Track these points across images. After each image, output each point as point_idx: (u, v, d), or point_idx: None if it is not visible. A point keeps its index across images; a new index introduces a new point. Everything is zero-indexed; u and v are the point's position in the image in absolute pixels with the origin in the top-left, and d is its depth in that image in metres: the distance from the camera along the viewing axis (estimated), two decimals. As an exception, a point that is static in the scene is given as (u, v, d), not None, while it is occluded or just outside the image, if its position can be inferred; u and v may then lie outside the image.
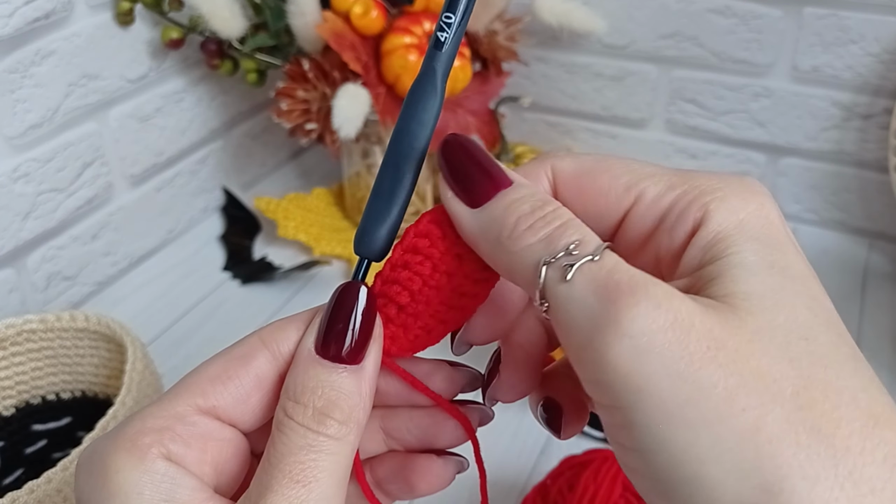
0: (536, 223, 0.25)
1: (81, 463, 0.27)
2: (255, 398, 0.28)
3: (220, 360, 0.28)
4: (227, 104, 0.86)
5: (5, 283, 0.67)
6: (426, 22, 0.73)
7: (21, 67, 0.64)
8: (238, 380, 0.28)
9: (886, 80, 0.76)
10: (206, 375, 0.28)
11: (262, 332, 0.29)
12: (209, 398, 0.27)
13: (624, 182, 0.27)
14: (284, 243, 0.82)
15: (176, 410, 0.27)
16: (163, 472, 0.26)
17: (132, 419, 0.27)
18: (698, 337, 0.22)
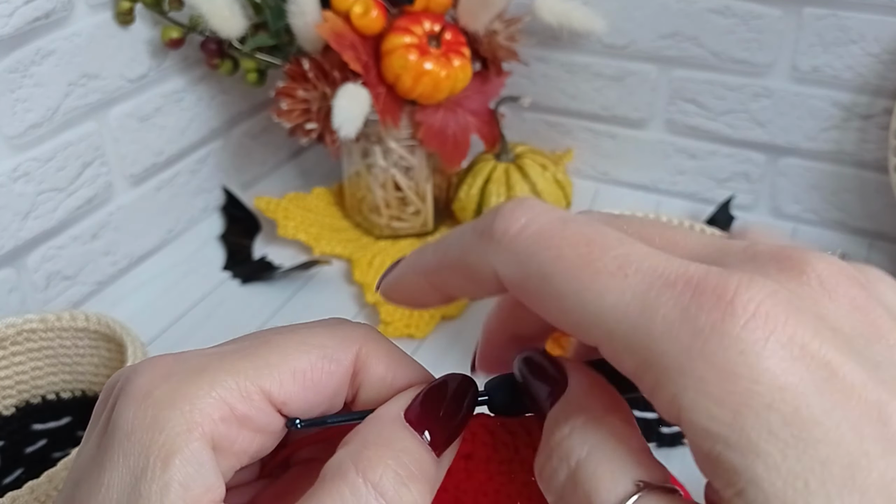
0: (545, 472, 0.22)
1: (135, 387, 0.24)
2: (324, 406, 0.26)
3: (306, 353, 0.25)
4: (227, 104, 0.86)
5: (5, 282, 0.67)
6: (426, 22, 0.73)
7: (21, 67, 0.64)
8: (321, 385, 0.25)
9: (886, 81, 0.76)
10: (289, 367, 0.25)
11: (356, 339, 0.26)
12: (284, 392, 0.24)
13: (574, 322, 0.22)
14: (284, 243, 0.82)
15: (247, 388, 0.24)
16: (195, 454, 0.23)
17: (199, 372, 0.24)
18: None
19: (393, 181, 0.80)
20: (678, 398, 0.19)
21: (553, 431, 0.23)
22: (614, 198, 0.90)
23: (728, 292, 0.19)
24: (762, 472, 0.18)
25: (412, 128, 0.77)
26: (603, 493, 0.20)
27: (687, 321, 0.19)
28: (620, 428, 0.22)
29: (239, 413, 0.24)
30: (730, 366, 0.19)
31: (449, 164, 0.78)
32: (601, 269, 0.21)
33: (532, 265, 0.22)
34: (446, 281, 0.25)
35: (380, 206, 0.81)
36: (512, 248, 0.22)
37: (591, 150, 0.92)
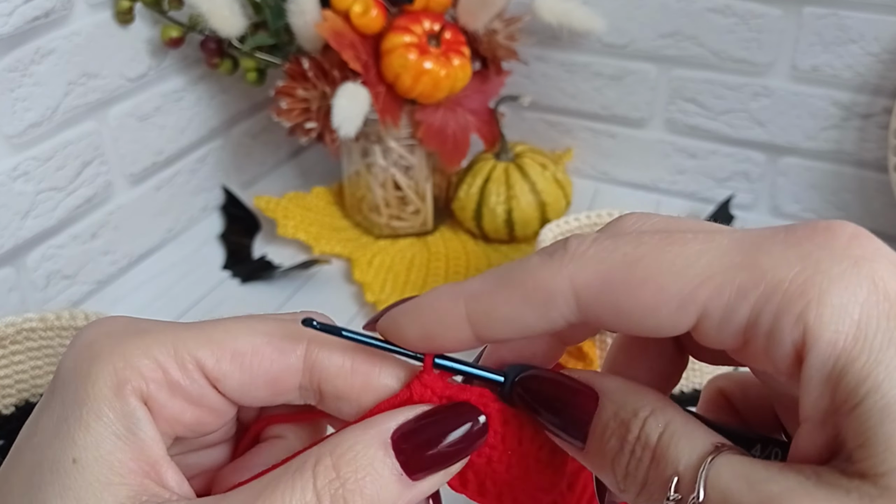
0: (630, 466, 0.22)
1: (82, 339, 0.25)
2: (263, 392, 0.26)
3: (251, 337, 0.25)
4: (226, 103, 0.86)
5: (5, 281, 0.67)
6: (426, 21, 0.73)
7: (21, 66, 0.64)
8: (261, 370, 0.25)
9: (886, 80, 0.76)
10: (230, 345, 0.25)
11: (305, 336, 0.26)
12: (220, 369, 0.25)
13: (675, 296, 0.21)
14: (284, 242, 0.82)
15: (182, 357, 0.24)
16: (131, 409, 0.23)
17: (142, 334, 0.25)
18: None
19: (392, 180, 0.80)
20: (804, 317, 0.19)
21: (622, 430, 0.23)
22: (614, 197, 0.90)
23: (821, 224, 0.20)
24: (884, 379, 0.18)
25: (412, 127, 0.77)
26: (685, 454, 0.21)
27: (794, 248, 0.20)
28: (681, 409, 0.23)
29: (171, 378, 0.24)
30: (847, 278, 0.19)
31: (448, 164, 0.78)
32: (689, 240, 0.21)
33: (615, 257, 0.22)
34: (496, 308, 0.23)
35: (379, 206, 0.81)
36: (591, 253, 0.22)
37: (590, 149, 0.92)
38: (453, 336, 0.24)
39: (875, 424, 0.18)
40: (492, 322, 0.24)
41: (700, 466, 0.21)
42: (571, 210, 0.85)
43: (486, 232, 0.81)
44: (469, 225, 0.82)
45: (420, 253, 0.81)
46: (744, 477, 0.20)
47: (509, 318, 0.23)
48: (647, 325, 0.22)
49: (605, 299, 0.22)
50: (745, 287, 0.20)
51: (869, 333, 0.19)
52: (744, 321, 0.20)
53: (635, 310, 0.21)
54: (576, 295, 0.22)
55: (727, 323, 0.20)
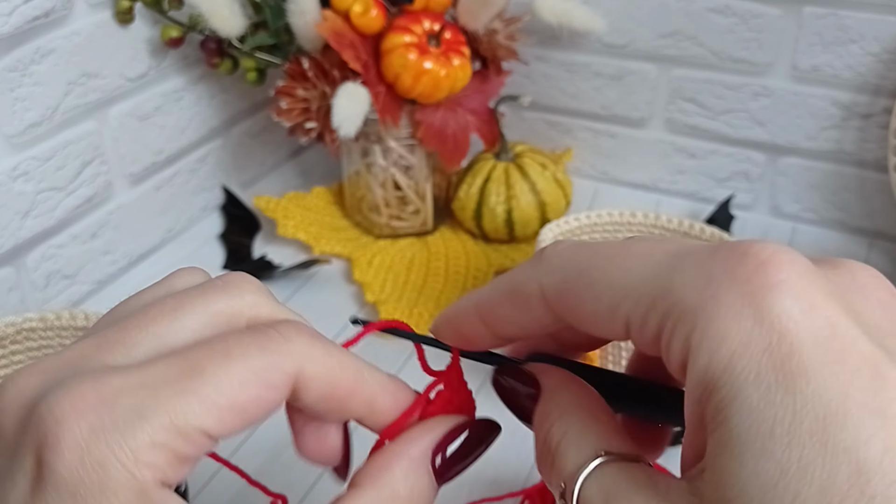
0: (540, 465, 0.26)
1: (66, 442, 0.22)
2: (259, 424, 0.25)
3: (247, 388, 0.24)
4: (226, 103, 0.86)
5: (5, 281, 0.67)
6: (426, 21, 0.73)
7: (20, 66, 0.64)
8: (258, 413, 0.24)
9: (886, 80, 0.76)
10: (228, 402, 0.24)
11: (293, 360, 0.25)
12: (224, 428, 0.24)
13: (606, 304, 0.23)
14: (284, 242, 0.82)
15: (188, 431, 0.23)
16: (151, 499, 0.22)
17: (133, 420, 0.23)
18: None
19: (392, 180, 0.80)
20: (689, 338, 0.20)
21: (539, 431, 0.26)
22: (614, 197, 0.90)
23: (742, 246, 0.20)
24: (737, 413, 0.19)
25: (412, 127, 0.77)
26: (569, 462, 0.24)
27: (704, 270, 0.20)
28: (588, 414, 0.25)
29: (181, 455, 0.23)
30: (737, 306, 0.19)
31: (448, 164, 0.78)
32: (632, 255, 0.23)
33: (572, 265, 0.24)
34: (495, 310, 0.27)
35: (379, 206, 0.81)
36: (557, 258, 0.25)
37: (590, 149, 0.92)
38: (479, 337, 0.28)
39: (717, 454, 0.19)
40: (498, 324, 0.27)
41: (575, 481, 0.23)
42: (571, 210, 0.85)
43: (486, 232, 0.81)
44: (469, 225, 0.82)
45: (420, 253, 0.81)
46: (605, 494, 0.22)
47: (508, 320, 0.27)
48: (593, 330, 0.24)
49: (562, 302, 0.24)
50: (655, 302, 0.21)
51: (738, 366, 0.19)
52: (654, 331, 0.22)
53: (582, 313, 0.24)
54: (544, 297, 0.25)
55: (643, 332, 0.22)
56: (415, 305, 0.73)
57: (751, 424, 0.18)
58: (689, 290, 0.20)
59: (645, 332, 0.22)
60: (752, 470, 0.18)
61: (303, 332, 0.26)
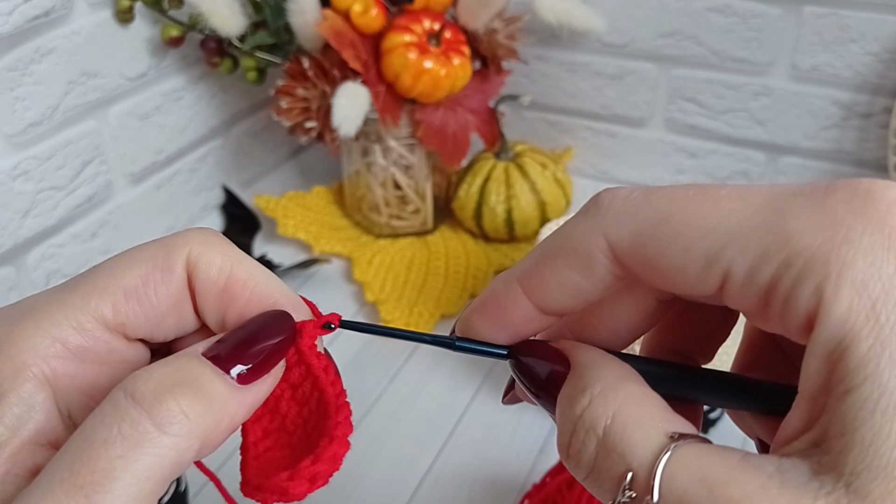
0: (572, 447, 0.22)
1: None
2: (170, 320, 0.25)
3: (135, 268, 0.24)
4: (226, 102, 0.86)
5: (5, 280, 0.67)
6: (426, 20, 0.73)
7: (21, 65, 0.64)
8: (157, 298, 0.24)
9: (886, 79, 0.76)
10: (119, 285, 0.23)
11: (183, 243, 0.24)
12: (120, 313, 0.23)
13: (701, 255, 0.20)
14: (284, 241, 0.82)
15: (77, 319, 0.23)
16: (24, 396, 0.22)
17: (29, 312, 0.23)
18: None
19: (392, 180, 0.80)
20: (821, 288, 0.18)
21: (571, 406, 0.22)
22: (614, 196, 0.90)
23: (862, 186, 0.19)
24: (884, 367, 0.17)
25: (412, 126, 0.77)
26: (638, 449, 0.20)
27: (825, 213, 0.19)
28: (638, 390, 0.22)
29: (73, 346, 0.23)
30: (875, 250, 0.18)
31: (448, 163, 0.78)
32: (722, 197, 0.20)
33: (648, 212, 0.21)
34: (546, 279, 0.23)
35: (379, 205, 0.81)
36: (624, 207, 0.22)
37: (590, 148, 0.92)
38: (521, 317, 0.24)
39: (863, 416, 0.17)
40: (547, 294, 0.24)
41: (654, 463, 0.19)
42: (571, 209, 0.85)
43: (486, 231, 0.81)
44: (469, 224, 0.82)
45: (420, 252, 0.81)
46: (702, 479, 0.19)
47: (561, 286, 0.23)
48: (677, 283, 0.21)
49: (637, 256, 0.21)
50: (770, 250, 0.19)
51: (884, 315, 0.17)
52: (765, 284, 0.19)
53: (665, 268, 0.21)
54: (612, 251, 0.22)
55: (749, 285, 0.20)
56: (415, 305, 0.73)
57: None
58: (814, 236, 0.18)
59: (752, 285, 0.19)
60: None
61: (205, 229, 0.25)
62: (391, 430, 0.62)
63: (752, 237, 0.19)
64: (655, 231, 0.21)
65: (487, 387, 0.65)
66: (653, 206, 0.21)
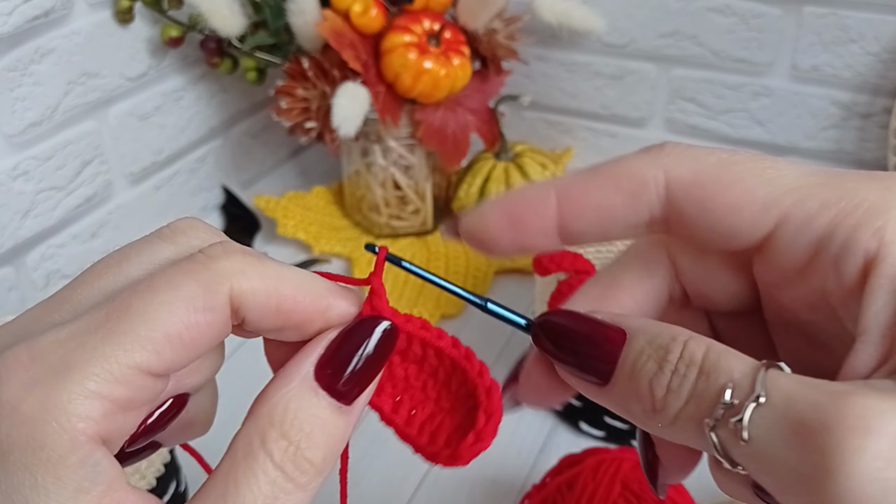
0: (673, 382, 0.22)
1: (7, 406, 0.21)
2: (213, 358, 0.25)
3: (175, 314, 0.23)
4: (226, 102, 0.86)
5: (4, 281, 0.67)
6: (426, 20, 0.73)
7: (20, 65, 0.64)
8: (201, 341, 0.23)
9: (886, 80, 0.76)
10: (161, 332, 0.22)
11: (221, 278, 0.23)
12: (165, 361, 0.22)
13: (761, 198, 0.22)
14: (284, 242, 0.82)
15: (122, 373, 0.22)
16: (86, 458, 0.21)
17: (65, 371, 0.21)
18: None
19: (392, 180, 0.80)
20: (881, 230, 0.20)
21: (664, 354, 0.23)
22: (614, 197, 0.90)
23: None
24: None
25: (412, 126, 0.77)
26: (738, 365, 0.21)
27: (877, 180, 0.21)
28: None
29: (120, 401, 0.22)
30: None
31: (448, 163, 0.78)
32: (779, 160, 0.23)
33: (711, 159, 0.23)
34: (588, 194, 0.24)
35: (379, 205, 0.81)
36: (688, 152, 0.24)
37: (590, 148, 0.92)
38: (538, 224, 0.24)
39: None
40: (581, 211, 0.24)
41: (755, 375, 0.21)
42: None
43: (486, 231, 0.81)
44: (469, 224, 0.82)
45: (420, 252, 0.81)
46: (803, 381, 0.20)
47: (598, 206, 0.24)
48: (727, 225, 0.23)
49: (694, 193, 0.23)
50: (829, 200, 0.21)
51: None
52: (820, 231, 0.21)
53: (720, 206, 0.23)
54: (667, 185, 0.23)
55: (804, 231, 0.22)
56: (414, 305, 0.73)
57: None
58: (870, 192, 0.21)
59: (807, 231, 0.21)
60: None
61: (232, 250, 0.24)
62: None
63: (811, 189, 0.22)
64: (718, 172, 0.23)
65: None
66: (716, 155, 0.23)
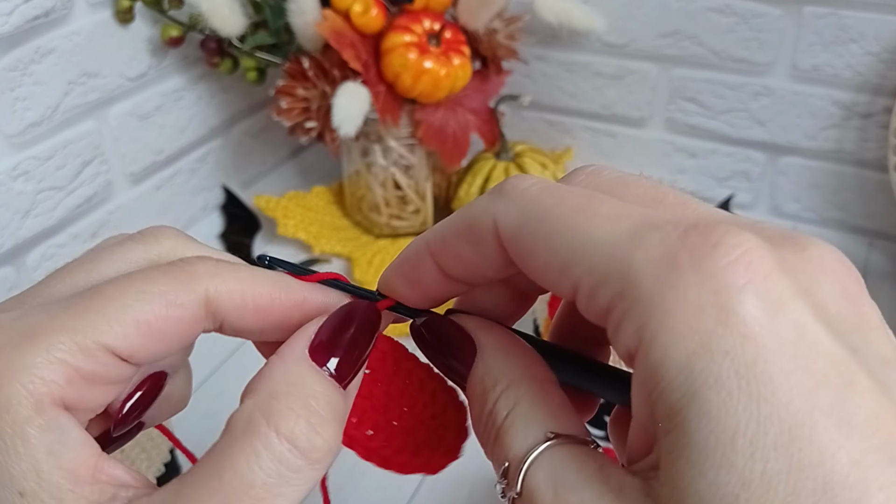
0: (482, 435, 0.24)
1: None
2: (176, 351, 0.25)
3: (148, 304, 0.23)
4: (226, 102, 0.86)
5: (5, 281, 0.67)
6: (426, 20, 0.73)
7: (21, 65, 0.64)
8: (167, 335, 0.24)
9: (886, 79, 0.76)
10: (131, 318, 0.23)
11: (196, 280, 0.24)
12: (131, 346, 0.23)
13: (559, 262, 0.21)
14: (284, 241, 0.82)
15: (88, 346, 0.22)
16: (52, 421, 0.22)
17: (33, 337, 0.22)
18: None
19: (393, 180, 0.80)
20: (642, 329, 0.19)
21: (484, 398, 0.24)
22: (614, 196, 0.90)
23: (715, 235, 0.19)
24: (695, 418, 0.17)
25: (412, 126, 0.77)
26: (515, 444, 0.22)
27: (668, 255, 0.19)
28: (536, 387, 0.23)
29: (85, 373, 0.23)
30: (699, 303, 0.18)
31: (449, 163, 0.78)
32: (598, 214, 0.21)
33: (532, 210, 0.22)
34: (448, 246, 0.24)
35: (379, 205, 0.81)
36: (518, 196, 0.22)
37: (590, 148, 0.92)
38: (431, 280, 0.25)
39: (673, 459, 0.18)
40: (450, 263, 0.25)
41: (522, 463, 0.21)
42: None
43: (487, 231, 0.81)
44: (469, 224, 0.82)
45: (420, 252, 0.81)
46: (553, 481, 0.20)
47: (460, 258, 0.24)
48: (542, 283, 0.22)
49: (515, 246, 0.22)
50: (610, 278, 0.19)
51: (697, 368, 0.18)
52: (602, 308, 0.20)
53: (532, 265, 0.22)
54: (497, 236, 0.23)
55: (590, 304, 0.20)
56: (415, 305, 0.73)
57: (710, 432, 0.17)
58: (649, 274, 0.19)
59: (592, 305, 0.20)
60: (711, 481, 0.17)
61: (208, 257, 0.26)
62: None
63: (600, 261, 0.20)
64: (533, 228, 0.21)
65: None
66: (541, 204, 0.22)
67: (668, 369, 0.18)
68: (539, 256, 0.21)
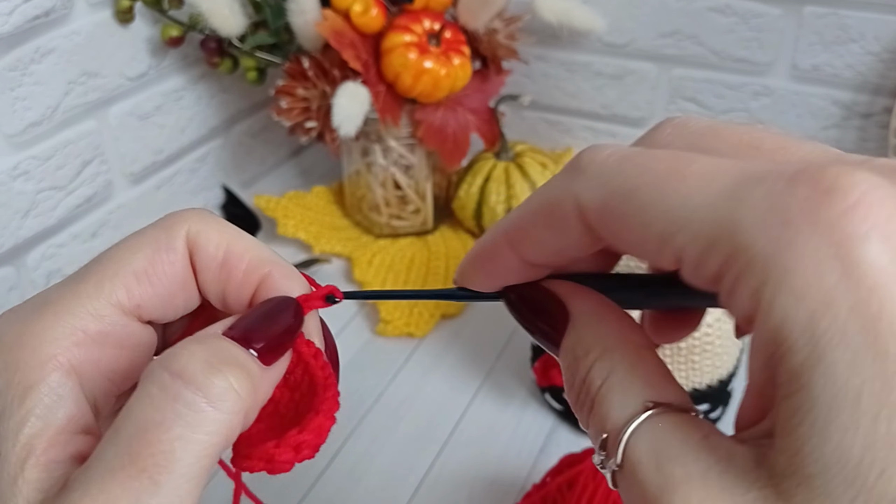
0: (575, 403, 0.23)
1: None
2: (179, 297, 0.26)
3: (142, 251, 0.25)
4: (226, 102, 0.86)
5: (5, 280, 0.67)
6: (426, 20, 0.73)
7: (21, 65, 0.64)
8: (166, 278, 0.25)
9: (886, 79, 0.76)
10: (129, 269, 0.24)
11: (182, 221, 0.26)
12: (134, 296, 0.24)
13: (657, 234, 0.20)
14: (284, 241, 0.82)
15: (95, 307, 0.24)
16: (53, 386, 0.22)
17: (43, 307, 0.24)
18: None
19: (393, 180, 0.80)
20: (759, 293, 0.17)
21: (577, 365, 0.23)
22: (614, 196, 0.90)
23: (826, 181, 0.17)
24: (821, 380, 0.17)
25: (412, 126, 0.77)
26: (613, 414, 0.21)
27: (778, 211, 0.17)
28: (632, 353, 0.22)
29: (93, 332, 0.23)
30: (819, 257, 0.17)
31: (449, 163, 0.78)
32: (689, 175, 0.19)
33: (617, 181, 0.20)
34: (527, 233, 0.23)
35: (380, 205, 0.81)
36: (598, 171, 0.21)
37: (590, 148, 0.92)
38: (510, 269, 0.25)
39: (794, 424, 0.17)
40: (530, 249, 0.24)
41: (622, 431, 0.20)
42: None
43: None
44: (469, 224, 0.82)
45: (420, 252, 0.81)
46: (655, 452, 0.20)
47: (541, 243, 0.23)
48: (640, 257, 0.21)
49: (604, 225, 0.21)
50: (718, 242, 0.18)
51: (821, 327, 0.17)
52: (712, 274, 0.19)
53: (626, 241, 0.21)
54: (582, 216, 0.21)
55: (699, 271, 0.19)
56: (415, 305, 0.73)
57: (836, 393, 0.16)
58: (761, 233, 0.17)
59: (701, 272, 0.19)
60: (836, 445, 0.16)
61: (201, 209, 0.27)
62: (391, 430, 0.62)
63: (703, 225, 0.19)
64: (621, 203, 0.20)
65: (487, 387, 0.65)
66: (624, 174, 0.20)
67: (790, 331, 0.17)
68: (633, 231, 0.20)
